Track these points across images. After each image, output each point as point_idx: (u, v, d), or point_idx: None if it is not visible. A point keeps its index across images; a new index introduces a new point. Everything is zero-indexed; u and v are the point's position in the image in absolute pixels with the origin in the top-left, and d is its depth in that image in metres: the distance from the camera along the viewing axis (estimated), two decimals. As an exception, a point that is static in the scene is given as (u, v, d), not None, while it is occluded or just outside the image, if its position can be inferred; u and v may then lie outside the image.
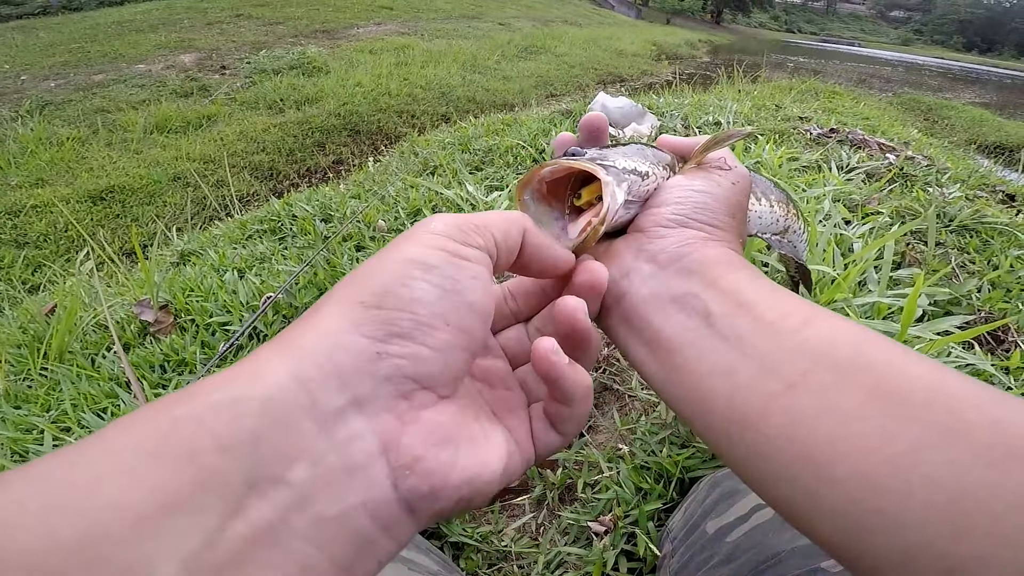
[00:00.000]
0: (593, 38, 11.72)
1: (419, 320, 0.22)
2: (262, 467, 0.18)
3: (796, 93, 3.84)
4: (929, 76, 19.25)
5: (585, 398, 0.28)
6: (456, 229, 0.25)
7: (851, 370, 0.24)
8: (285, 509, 0.19)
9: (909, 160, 2.24)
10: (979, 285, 1.36)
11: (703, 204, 0.34)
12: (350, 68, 6.56)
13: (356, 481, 0.20)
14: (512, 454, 0.27)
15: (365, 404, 0.21)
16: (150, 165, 4.03)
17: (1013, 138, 6.16)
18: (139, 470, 0.17)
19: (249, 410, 0.19)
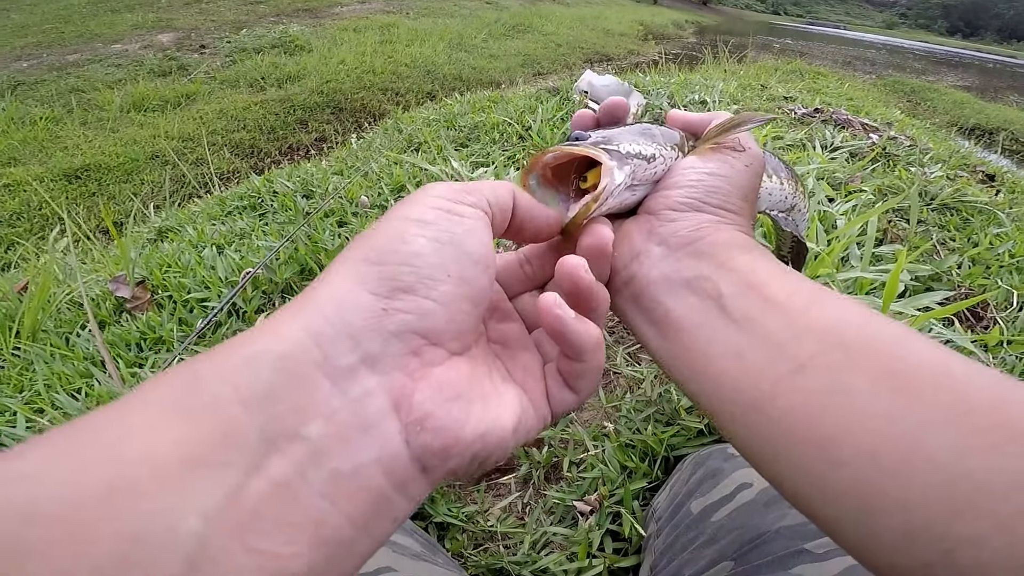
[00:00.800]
0: (580, 17, 11.57)
1: (420, 273, 0.23)
2: (279, 421, 0.19)
3: (781, 74, 3.82)
4: (913, 59, 19.37)
5: (595, 352, 0.28)
6: (449, 191, 0.27)
7: (860, 350, 0.24)
8: (301, 464, 0.19)
9: (892, 140, 2.25)
10: (959, 262, 1.38)
11: (716, 188, 0.34)
12: (333, 46, 6.41)
13: (369, 438, 0.20)
14: (526, 412, 0.27)
15: (376, 361, 0.21)
16: (127, 144, 3.92)
17: (993, 120, 6.26)
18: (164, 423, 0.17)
19: (266, 364, 0.19)
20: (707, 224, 0.32)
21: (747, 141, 0.37)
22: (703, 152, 0.36)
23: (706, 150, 0.36)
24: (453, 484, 0.86)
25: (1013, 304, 1.30)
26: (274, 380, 0.19)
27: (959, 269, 1.35)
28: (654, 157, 0.34)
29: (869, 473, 0.22)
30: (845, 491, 0.22)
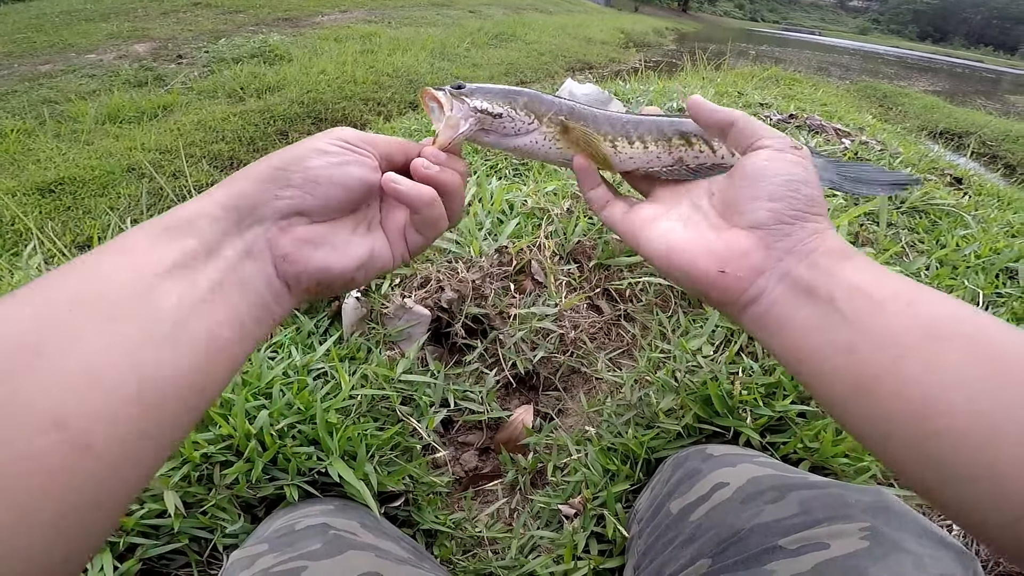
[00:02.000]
0: (563, 26, 11.68)
1: (307, 177, 0.37)
2: (211, 245, 0.33)
3: (758, 80, 3.92)
4: (886, 64, 19.90)
5: (428, 206, 0.41)
6: (355, 136, 0.41)
7: (952, 338, 0.29)
8: (224, 271, 0.32)
9: (864, 145, 2.32)
10: (927, 263, 1.42)
11: (811, 197, 0.39)
12: (314, 56, 6.38)
13: (257, 261, 0.35)
14: (379, 253, 0.42)
15: (262, 221, 0.36)
16: (102, 156, 3.85)
17: (962, 124, 6.45)
18: (157, 246, 0.31)
19: (204, 218, 0.33)
20: (815, 235, 0.37)
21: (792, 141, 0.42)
22: (772, 156, 0.40)
23: (773, 153, 0.40)
24: (439, 492, 0.87)
25: (980, 303, 1.35)
26: (207, 226, 0.33)
27: (927, 271, 1.39)
28: (501, 115, 0.46)
29: (959, 443, 0.26)
30: (940, 460, 0.27)
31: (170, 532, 0.66)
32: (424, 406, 0.90)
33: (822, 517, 0.48)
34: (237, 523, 0.68)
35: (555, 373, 1.03)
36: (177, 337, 0.28)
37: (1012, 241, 1.64)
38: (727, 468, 0.63)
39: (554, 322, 1.01)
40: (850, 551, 0.43)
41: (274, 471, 0.72)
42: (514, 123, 0.47)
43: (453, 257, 1.07)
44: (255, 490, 0.70)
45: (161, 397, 0.27)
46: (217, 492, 0.69)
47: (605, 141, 0.49)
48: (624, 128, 0.49)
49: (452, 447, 0.98)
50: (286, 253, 0.36)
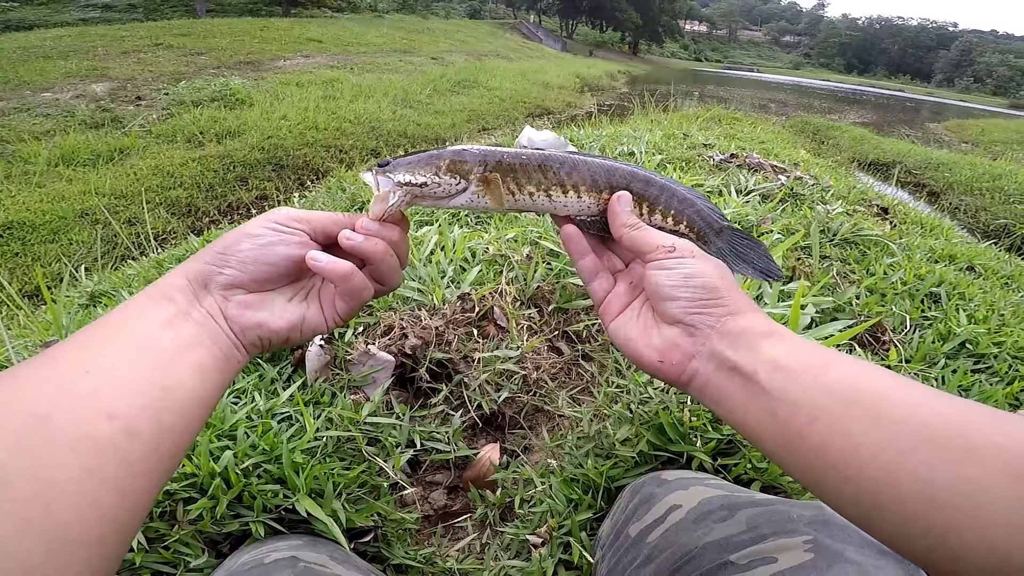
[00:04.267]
0: (523, 71, 12.16)
1: (241, 259, 0.46)
2: (185, 309, 0.43)
3: (702, 121, 4.19)
4: (818, 98, 21.41)
5: (344, 279, 0.48)
6: (286, 216, 0.48)
7: (856, 402, 0.36)
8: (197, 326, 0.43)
9: (798, 180, 2.50)
10: (858, 292, 1.54)
11: (704, 286, 0.46)
12: (275, 101, 6.42)
13: (217, 320, 0.45)
14: (310, 317, 0.49)
15: (212, 292, 0.45)
16: (54, 200, 3.73)
17: (889, 154, 6.97)
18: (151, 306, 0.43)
19: (178, 287, 0.45)
20: (728, 317, 0.45)
21: (666, 239, 0.49)
22: (655, 267, 0.48)
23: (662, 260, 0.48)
24: (408, 528, 0.89)
25: (907, 327, 1.47)
26: (180, 296, 0.44)
27: (858, 300, 1.49)
28: (426, 184, 0.49)
29: (868, 486, 0.33)
30: (856, 500, 0.34)
31: (131, 567, 0.66)
32: (390, 447, 0.93)
33: (768, 532, 0.52)
34: (201, 558, 0.69)
35: (520, 412, 1.07)
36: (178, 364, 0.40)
37: (934, 267, 1.79)
38: (680, 491, 0.68)
39: (517, 364, 1.06)
40: (796, 563, 0.47)
41: (239, 508, 0.73)
42: (441, 187, 0.49)
43: (416, 305, 1.11)
44: (220, 526, 0.71)
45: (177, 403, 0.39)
46: (180, 528, 0.69)
47: (539, 192, 0.51)
48: (558, 177, 0.51)
49: (421, 486, 1.00)
50: (229, 315, 0.45)
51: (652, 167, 2.18)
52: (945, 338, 1.39)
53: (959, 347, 1.37)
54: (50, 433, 0.32)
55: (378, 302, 1.14)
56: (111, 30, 11.22)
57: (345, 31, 15.68)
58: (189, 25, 12.92)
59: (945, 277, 1.68)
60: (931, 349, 1.34)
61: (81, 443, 0.32)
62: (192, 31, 11.66)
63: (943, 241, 2.21)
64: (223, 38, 11.22)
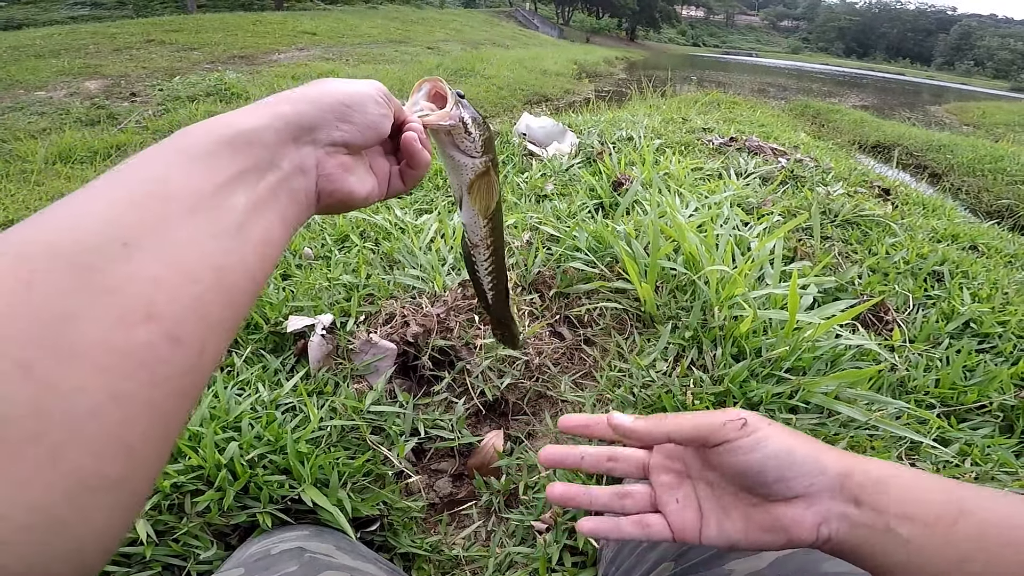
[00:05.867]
0: (520, 59, 12.04)
1: (367, 123, 0.43)
2: (272, 155, 0.36)
3: (700, 105, 4.16)
4: (819, 82, 21.20)
5: (424, 167, 0.49)
6: (387, 93, 0.46)
7: (1001, 544, 0.36)
8: (279, 180, 0.36)
9: (799, 163, 2.49)
10: (860, 272, 1.54)
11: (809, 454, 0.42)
12: (271, 94, 6.39)
13: (306, 176, 0.39)
14: (376, 188, 0.47)
15: (317, 143, 0.40)
16: (53, 198, 3.72)
17: (890, 136, 6.91)
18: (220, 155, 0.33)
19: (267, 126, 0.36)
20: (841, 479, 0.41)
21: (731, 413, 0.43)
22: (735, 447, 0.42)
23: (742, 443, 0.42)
24: (414, 516, 0.90)
25: (910, 306, 1.46)
26: (270, 137, 0.36)
27: (860, 279, 1.50)
28: (470, 135, 0.53)
29: None
30: None
31: (142, 560, 0.66)
32: (394, 435, 0.93)
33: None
34: (210, 550, 0.69)
35: (523, 398, 1.07)
36: (244, 234, 0.31)
37: (937, 246, 1.79)
38: None
39: (519, 350, 1.06)
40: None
41: (246, 499, 0.73)
42: (468, 145, 0.54)
43: (417, 292, 1.11)
44: (227, 518, 0.71)
45: (233, 289, 0.30)
46: (189, 520, 0.70)
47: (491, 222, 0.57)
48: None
49: (426, 474, 1.00)
50: (329, 173, 0.41)
51: (651, 152, 2.16)
52: (949, 317, 1.38)
53: (963, 326, 1.37)
54: (67, 343, 0.22)
55: (379, 290, 1.14)
56: (101, 27, 11.13)
57: (339, 23, 15.53)
58: (180, 21, 12.80)
59: (948, 256, 1.68)
60: (934, 329, 1.33)
61: (107, 357, 0.23)
62: (183, 27, 11.55)
63: (945, 221, 2.20)
64: (215, 33, 11.12)
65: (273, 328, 1.06)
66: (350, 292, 1.15)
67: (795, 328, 1.06)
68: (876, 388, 1.09)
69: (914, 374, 1.14)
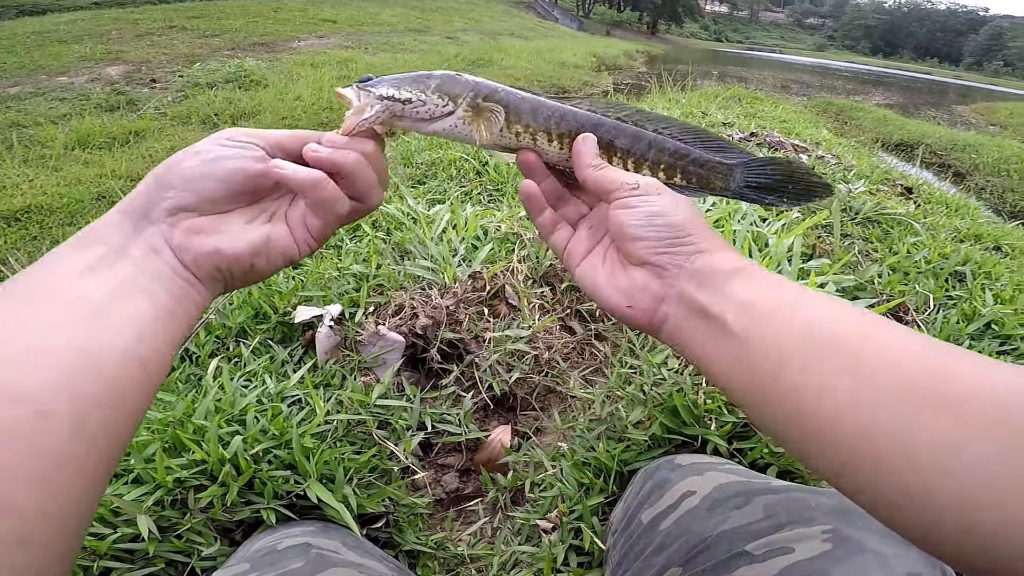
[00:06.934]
0: (538, 50, 11.94)
1: (184, 177, 0.40)
2: (119, 248, 0.37)
3: (721, 100, 4.08)
4: (843, 80, 20.76)
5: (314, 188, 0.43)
6: (236, 132, 0.43)
7: (826, 347, 0.33)
8: (135, 266, 0.37)
9: (820, 159, 2.44)
10: (880, 271, 1.50)
11: (669, 224, 0.43)
12: (290, 82, 6.40)
13: (161, 255, 0.39)
14: (276, 238, 0.44)
15: (155, 221, 0.39)
16: (71, 183, 3.77)
17: (914, 135, 6.76)
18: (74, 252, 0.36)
19: (109, 223, 0.38)
20: (696, 256, 0.42)
21: (629, 177, 0.45)
22: (619, 205, 0.45)
23: (620, 203, 0.45)
24: (420, 513, 0.89)
25: (931, 307, 1.42)
26: (112, 233, 0.38)
27: (880, 278, 1.46)
28: (410, 100, 0.46)
29: (841, 441, 0.30)
30: (823, 453, 0.32)
31: (145, 556, 0.66)
32: (401, 430, 0.92)
33: (785, 521, 0.50)
34: (214, 546, 0.69)
35: (531, 393, 1.06)
36: (104, 318, 0.33)
37: (959, 246, 1.74)
38: (694, 477, 0.66)
39: (528, 344, 1.04)
40: (815, 554, 0.45)
41: (250, 495, 0.73)
42: (426, 107, 0.47)
43: (427, 284, 1.10)
44: (231, 513, 0.71)
45: (104, 367, 0.32)
46: (192, 516, 0.69)
47: (525, 134, 0.49)
48: (547, 123, 0.49)
49: (432, 469, 1.00)
50: (178, 243, 0.39)
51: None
52: (970, 318, 1.35)
53: (984, 328, 1.33)
54: None
55: (388, 281, 1.13)
56: (124, 13, 11.25)
57: (359, 11, 15.50)
58: (203, 7, 12.87)
59: (970, 256, 1.63)
60: (955, 330, 1.29)
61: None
62: (206, 13, 11.62)
63: (968, 221, 2.15)
64: (237, 19, 11.17)
65: (281, 318, 1.05)
66: (360, 282, 1.14)
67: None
68: None
69: None
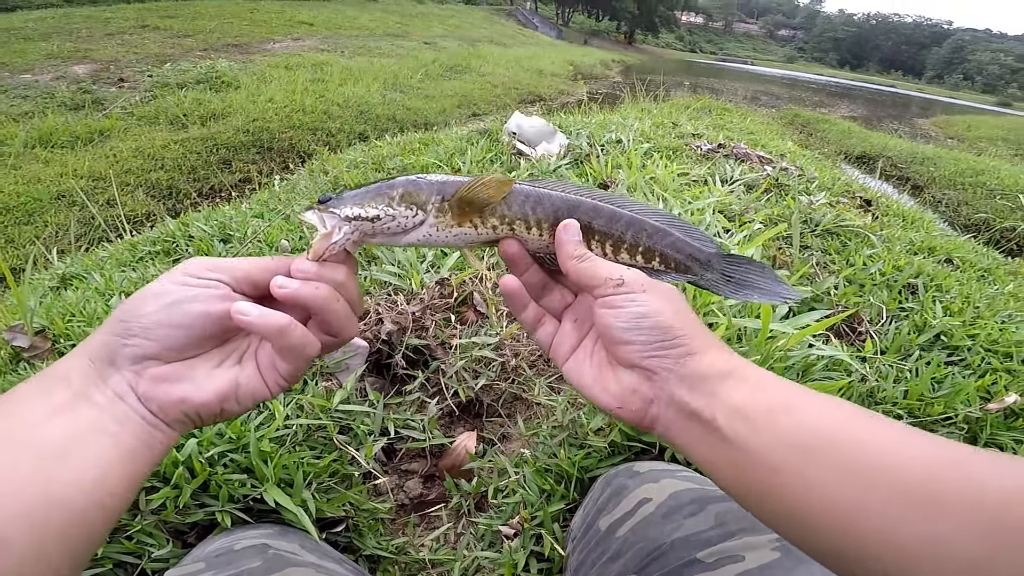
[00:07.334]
0: (516, 58, 12.03)
1: (144, 326, 0.39)
2: (83, 393, 0.38)
3: (692, 111, 4.18)
4: (811, 92, 21.44)
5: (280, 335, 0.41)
6: (197, 267, 0.42)
7: (814, 450, 0.34)
8: (99, 412, 0.37)
9: (784, 171, 2.51)
10: (836, 283, 1.54)
11: (657, 326, 0.42)
12: (262, 83, 6.30)
13: (127, 401, 0.39)
14: (246, 383, 0.42)
15: (119, 368, 0.39)
16: (29, 182, 3.66)
17: (876, 148, 7.00)
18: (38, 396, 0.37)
19: (74, 367, 0.39)
20: (687, 358, 0.41)
21: (613, 271, 0.44)
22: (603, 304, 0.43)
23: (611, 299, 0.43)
24: (381, 518, 0.89)
25: (883, 318, 1.48)
26: (77, 378, 0.38)
27: (836, 290, 1.50)
28: (378, 217, 0.43)
29: (830, 539, 0.33)
30: (818, 548, 0.34)
31: (93, 559, 0.65)
32: (363, 435, 0.92)
33: (735, 529, 0.52)
34: (165, 548, 0.68)
35: (498, 400, 1.07)
36: (67, 459, 0.35)
37: (913, 259, 1.80)
38: (651, 484, 0.67)
39: (495, 351, 1.05)
40: (764, 563, 0.47)
41: (204, 498, 0.72)
42: (396, 221, 0.44)
43: (393, 290, 1.10)
44: (184, 516, 0.70)
45: (65, 503, 0.33)
46: (143, 518, 0.68)
47: (502, 225, 0.47)
48: (522, 210, 0.47)
49: (396, 475, 1.00)
50: (144, 391, 0.39)
51: (639, 156, 2.16)
52: (921, 329, 1.39)
53: (934, 339, 1.38)
54: None
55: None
56: (96, 11, 10.95)
57: (337, 14, 15.38)
58: (176, 7, 12.61)
59: (923, 269, 1.70)
60: (906, 340, 1.34)
61: None
62: (179, 13, 11.40)
63: (923, 233, 2.23)
64: (211, 20, 10.97)
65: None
66: (325, 288, 1.13)
67: (769, 337, 1.07)
68: (846, 398, 1.09)
69: (884, 385, 1.15)
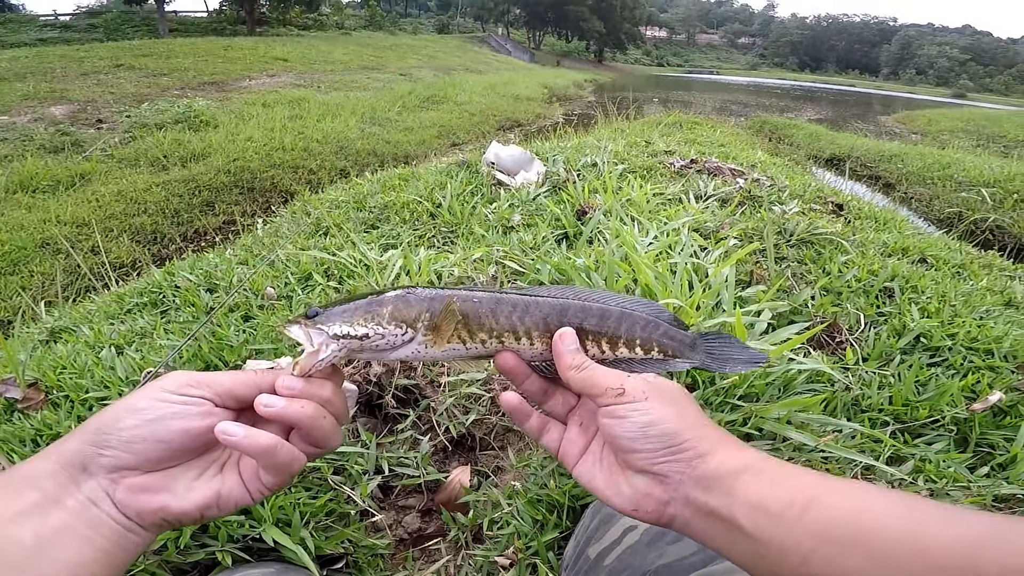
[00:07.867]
0: (492, 84, 12.24)
1: (123, 439, 0.40)
2: (53, 496, 0.37)
3: (663, 127, 4.28)
4: (777, 97, 22.00)
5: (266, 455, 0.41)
6: (176, 383, 0.42)
7: (845, 542, 0.35)
8: (71, 516, 0.37)
9: (755, 183, 2.58)
10: (813, 294, 1.53)
11: (664, 433, 0.42)
12: (241, 122, 6.33)
13: (101, 506, 0.39)
14: (228, 492, 0.43)
15: (94, 475, 0.39)
16: (13, 229, 3.61)
17: (844, 149, 7.09)
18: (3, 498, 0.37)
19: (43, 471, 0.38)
20: (697, 460, 0.42)
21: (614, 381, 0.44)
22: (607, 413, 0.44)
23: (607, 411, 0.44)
24: (380, 553, 0.90)
25: (862, 325, 1.48)
26: (46, 481, 0.38)
27: (813, 300, 1.50)
28: (367, 336, 0.43)
29: None
30: None
31: None
32: (357, 474, 0.93)
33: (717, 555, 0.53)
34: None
35: (490, 433, 1.08)
36: (36, 563, 0.35)
37: (887, 261, 1.80)
38: None
39: (483, 387, 1.07)
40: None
41: (204, 538, 0.73)
42: (385, 339, 0.44)
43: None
44: (184, 555, 0.71)
45: None
46: (145, 558, 0.70)
47: (491, 339, 0.47)
48: (509, 320, 0.47)
49: (393, 511, 1.00)
50: (121, 499, 0.39)
51: (614, 179, 2.22)
52: (900, 333, 1.39)
53: (914, 341, 1.37)
54: None
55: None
56: (70, 51, 10.98)
57: (311, 49, 15.60)
58: (151, 46, 12.70)
59: (898, 271, 1.70)
60: (886, 346, 1.33)
61: None
62: (154, 52, 11.48)
63: (896, 234, 2.25)
64: (186, 58, 11.07)
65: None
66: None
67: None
68: (831, 409, 1.08)
69: (868, 392, 1.14)
